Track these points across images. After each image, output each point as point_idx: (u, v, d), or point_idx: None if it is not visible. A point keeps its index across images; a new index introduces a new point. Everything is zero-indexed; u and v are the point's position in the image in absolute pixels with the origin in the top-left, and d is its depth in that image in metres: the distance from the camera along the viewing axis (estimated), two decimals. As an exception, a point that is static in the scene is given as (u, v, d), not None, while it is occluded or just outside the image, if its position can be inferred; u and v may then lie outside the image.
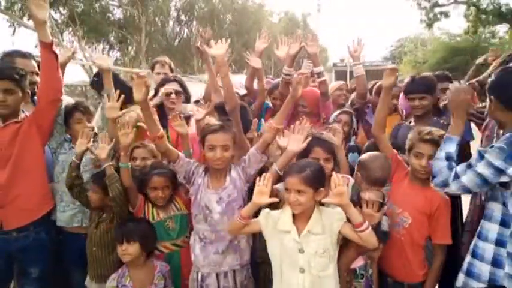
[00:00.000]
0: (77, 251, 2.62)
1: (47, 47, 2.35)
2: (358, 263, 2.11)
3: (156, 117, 2.31)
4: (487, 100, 1.97)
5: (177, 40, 25.66)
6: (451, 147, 1.90)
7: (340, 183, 1.81)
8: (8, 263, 2.44)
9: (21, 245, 2.39)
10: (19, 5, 16.59)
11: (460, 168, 1.82)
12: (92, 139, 2.54)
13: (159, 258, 2.43)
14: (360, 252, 2.05)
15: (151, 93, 3.78)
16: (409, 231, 2.18)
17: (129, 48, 22.82)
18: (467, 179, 1.78)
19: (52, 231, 2.59)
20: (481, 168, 1.74)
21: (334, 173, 1.89)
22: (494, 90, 1.91)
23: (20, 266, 2.49)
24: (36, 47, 18.48)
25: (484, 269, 1.85)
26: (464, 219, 2.61)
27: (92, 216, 2.58)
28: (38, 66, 2.64)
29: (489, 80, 1.95)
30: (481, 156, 1.77)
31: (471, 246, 1.97)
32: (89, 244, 2.53)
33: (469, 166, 1.81)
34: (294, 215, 1.92)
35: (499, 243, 1.82)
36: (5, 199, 2.33)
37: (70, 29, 18.79)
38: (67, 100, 3.17)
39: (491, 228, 1.86)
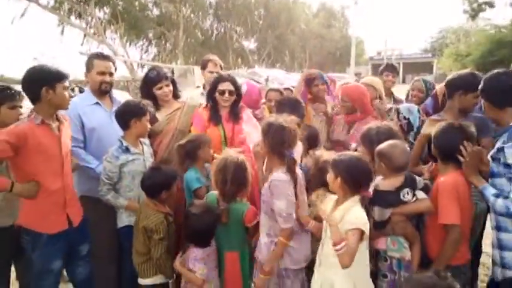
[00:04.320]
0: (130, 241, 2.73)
1: None
2: (382, 245, 2.25)
3: None
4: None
5: (213, 35, 26.12)
6: (491, 190, 2.08)
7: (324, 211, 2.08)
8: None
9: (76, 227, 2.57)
10: (66, 4, 17.53)
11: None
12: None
13: None
14: (384, 233, 2.22)
15: (200, 89, 4.02)
16: (429, 217, 2.30)
17: (167, 43, 23.46)
18: None
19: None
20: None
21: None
22: (484, 93, 2.23)
23: (72, 246, 2.58)
24: (82, 45, 19.49)
25: None
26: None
27: None
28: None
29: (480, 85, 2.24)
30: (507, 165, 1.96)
31: (494, 240, 2.10)
32: None
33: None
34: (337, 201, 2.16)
35: None
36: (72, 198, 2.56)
37: (112, 27, 19.61)
38: (118, 94, 3.44)
39: (507, 220, 2.01)
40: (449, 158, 2.20)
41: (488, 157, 2.12)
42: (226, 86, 3.08)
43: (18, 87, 2.87)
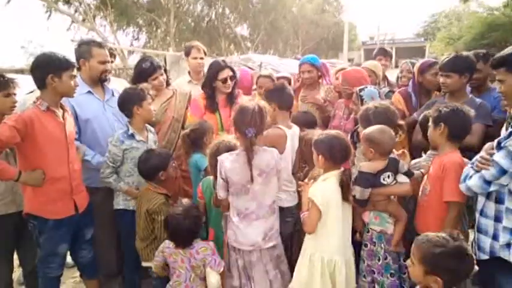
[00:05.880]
0: (127, 223, 2.81)
1: None
2: (366, 218, 2.49)
3: None
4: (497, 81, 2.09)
5: (204, 21, 25.71)
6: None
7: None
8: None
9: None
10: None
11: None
12: None
13: None
14: (367, 209, 2.43)
15: (187, 77, 4.01)
16: (429, 197, 2.33)
17: (158, 30, 23.11)
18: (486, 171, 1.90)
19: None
20: (499, 157, 1.86)
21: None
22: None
23: (77, 231, 2.65)
24: (68, 30, 19.11)
25: (486, 242, 2.03)
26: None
27: None
28: (110, 54, 2.99)
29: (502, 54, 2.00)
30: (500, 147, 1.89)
31: (476, 223, 2.13)
32: None
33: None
34: None
35: (497, 219, 1.98)
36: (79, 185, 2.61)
37: (102, 13, 19.25)
38: (116, 82, 3.43)
39: (489, 206, 2.02)
40: (457, 138, 2.27)
41: (494, 143, 2.04)
42: (226, 73, 3.12)
43: (9, 76, 2.88)
